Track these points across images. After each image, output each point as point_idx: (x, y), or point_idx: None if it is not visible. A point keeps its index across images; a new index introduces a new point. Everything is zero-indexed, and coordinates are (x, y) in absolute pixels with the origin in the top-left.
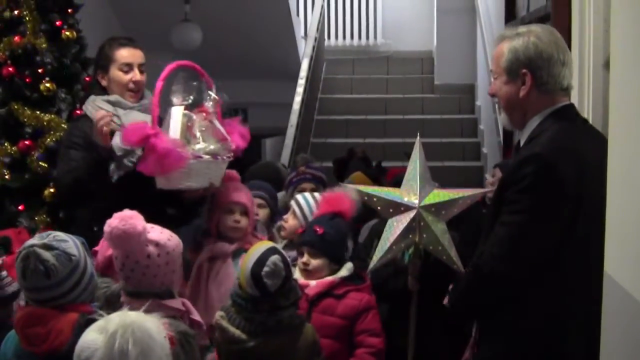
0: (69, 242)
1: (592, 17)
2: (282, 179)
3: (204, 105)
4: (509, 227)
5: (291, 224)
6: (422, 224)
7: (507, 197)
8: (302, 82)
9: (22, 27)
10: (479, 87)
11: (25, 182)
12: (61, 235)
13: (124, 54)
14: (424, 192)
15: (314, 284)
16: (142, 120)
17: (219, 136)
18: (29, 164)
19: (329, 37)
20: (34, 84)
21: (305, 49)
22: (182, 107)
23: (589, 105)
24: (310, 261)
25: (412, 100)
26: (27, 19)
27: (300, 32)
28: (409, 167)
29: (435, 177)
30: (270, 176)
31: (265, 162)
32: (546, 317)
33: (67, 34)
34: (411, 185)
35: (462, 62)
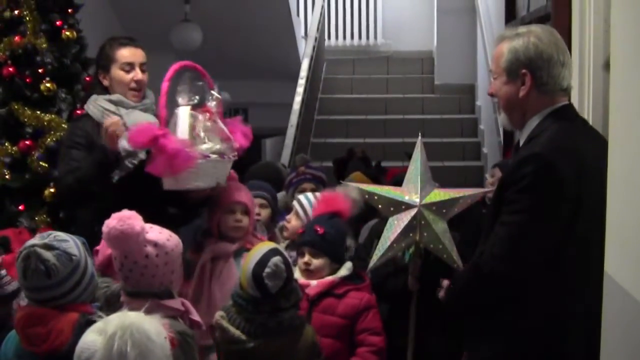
0: (70, 242)
1: (593, 17)
2: (283, 179)
3: (207, 105)
4: (509, 227)
5: (294, 225)
6: (423, 222)
7: (506, 197)
8: (302, 82)
9: (23, 27)
10: (479, 87)
11: (25, 182)
12: (62, 235)
13: (125, 54)
14: (424, 191)
15: (314, 283)
16: (144, 119)
17: (223, 136)
18: (29, 164)
19: (329, 37)
20: (34, 84)
21: (305, 49)
22: (189, 107)
23: (589, 105)
24: (311, 261)
25: (412, 100)
26: (27, 19)
27: (300, 32)
28: (411, 167)
29: (435, 177)
30: (270, 176)
31: (265, 162)
32: (546, 317)
33: (67, 34)
34: (412, 184)
35: (462, 62)
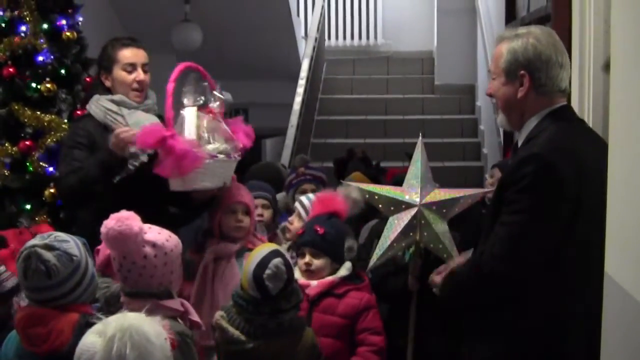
0: (70, 242)
1: (593, 18)
2: (283, 179)
3: (210, 105)
4: (509, 227)
5: (297, 226)
6: (423, 222)
7: (506, 197)
8: (302, 82)
9: (23, 27)
10: (479, 88)
11: (25, 182)
12: (62, 235)
13: (127, 54)
14: (425, 191)
15: (314, 283)
16: (146, 119)
17: (226, 136)
18: (29, 164)
19: (329, 38)
20: (34, 84)
21: (305, 50)
22: (195, 108)
23: (589, 106)
24: (312, 261)
25: (412, 100)
26: (27, 19)
27: (300, 32)
28: (411, 167)
29: (435, 177)
30: (270, 176)
31: (265, 163)
32: (546, 317)
33: (67, 34)
34: (413, 184)
35: (462, 62)
